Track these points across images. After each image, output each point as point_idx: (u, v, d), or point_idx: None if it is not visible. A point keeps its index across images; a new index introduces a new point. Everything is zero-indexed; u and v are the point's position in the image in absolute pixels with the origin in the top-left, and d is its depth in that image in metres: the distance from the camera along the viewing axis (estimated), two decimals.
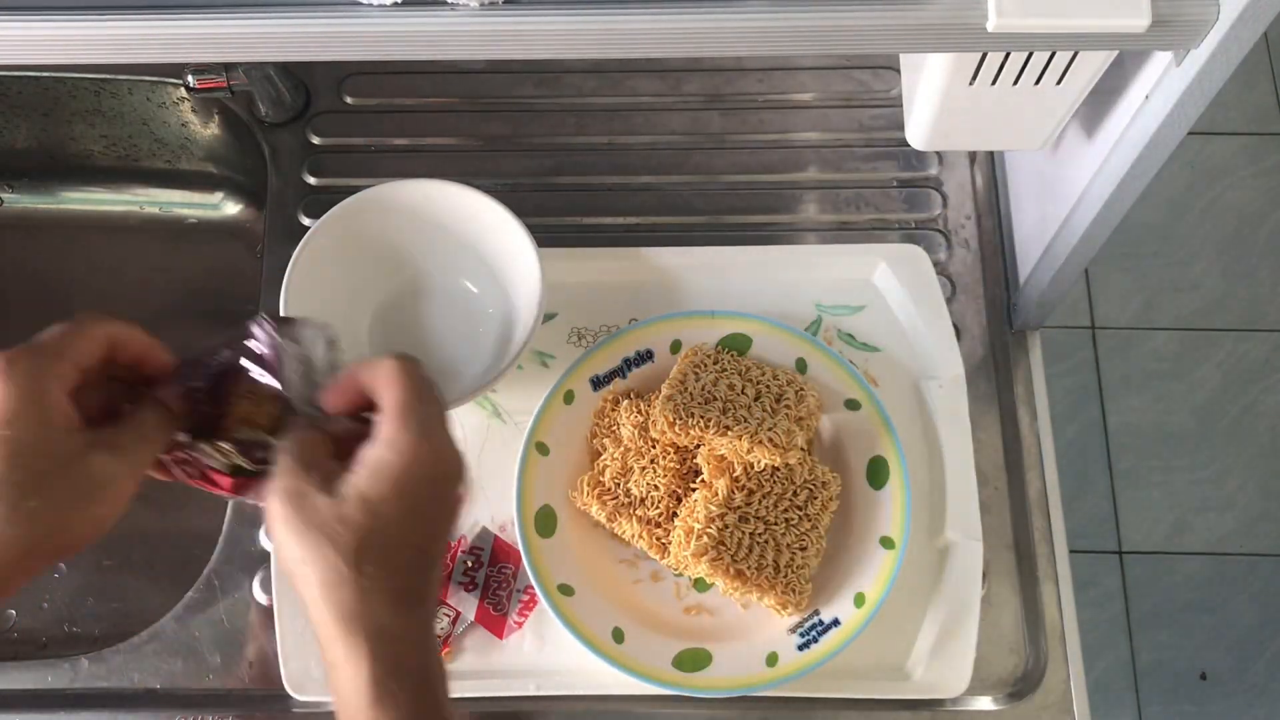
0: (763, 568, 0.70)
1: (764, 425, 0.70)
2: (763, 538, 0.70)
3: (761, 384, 0.74)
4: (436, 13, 0.49)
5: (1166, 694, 1.56)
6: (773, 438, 0.70)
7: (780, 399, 0.73)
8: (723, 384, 0.73)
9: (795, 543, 0.71)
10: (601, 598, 0.72)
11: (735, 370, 0.74)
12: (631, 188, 0.89)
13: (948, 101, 0.62)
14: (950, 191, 0.88)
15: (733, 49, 0.52)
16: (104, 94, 0.92)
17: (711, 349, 0.76)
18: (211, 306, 0.96)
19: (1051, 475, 0.79)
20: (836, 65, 0.92)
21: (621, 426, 0.74)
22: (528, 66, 0.92)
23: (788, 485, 0.72)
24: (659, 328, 0.78)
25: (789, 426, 0.71)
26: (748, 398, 0.73)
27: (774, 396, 0.73)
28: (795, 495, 0.72)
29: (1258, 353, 1.73)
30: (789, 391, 0.73)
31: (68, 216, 1.00)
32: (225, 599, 0.76)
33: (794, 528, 0.71)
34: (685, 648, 0.71)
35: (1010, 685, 0.74)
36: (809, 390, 0.74)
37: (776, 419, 0.71)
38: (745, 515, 0.71)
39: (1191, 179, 1.82)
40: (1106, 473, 1.66)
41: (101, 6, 0.50)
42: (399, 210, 0.77)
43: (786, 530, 0.71)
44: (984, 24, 0.49)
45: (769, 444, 0.70)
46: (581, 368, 0.77)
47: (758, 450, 0.70)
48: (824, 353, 0.77)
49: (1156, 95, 0.56)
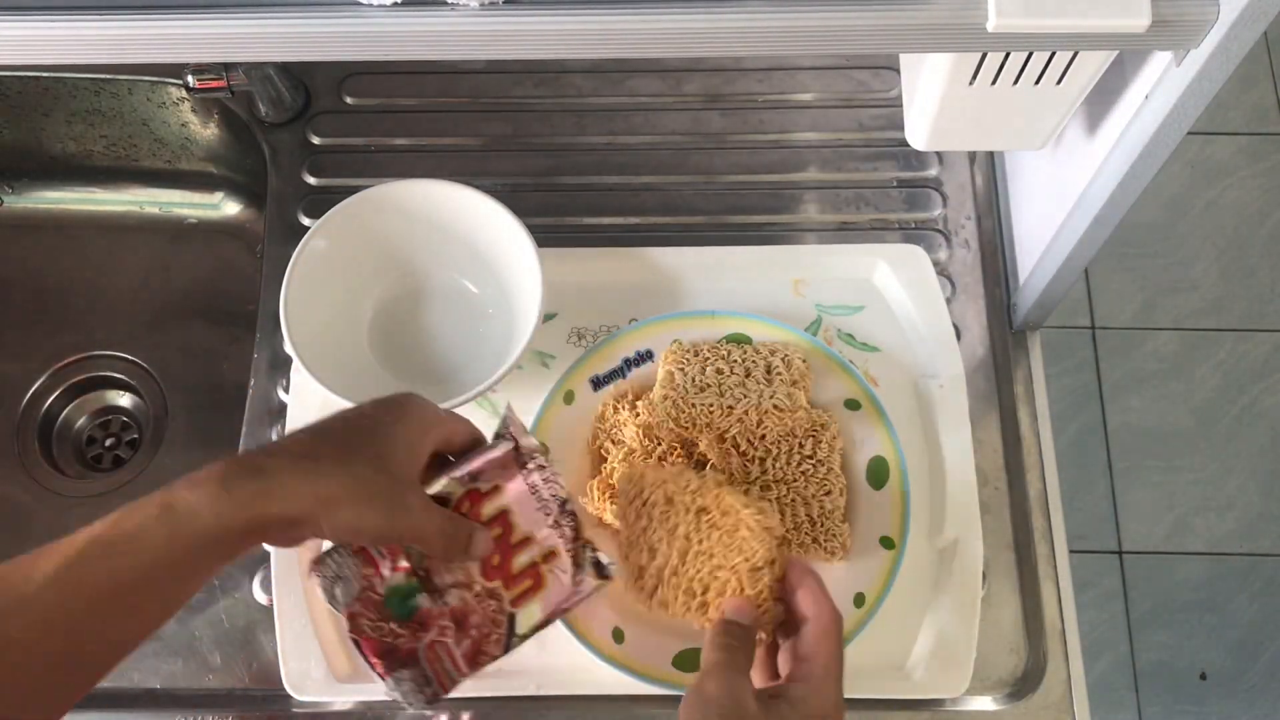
0: (799, 525, 0.71)
1: (765, 396, 0.72)
2: (789, 498, 0.72)
3: (747, 362, 0.74)
4: (436, 13, 0.49)
5: (1166, 694, 1.56)
6: (777, 404, 0.71)
7: (770, 370, 0.74)
8: (710, 370, 0.73)
9: (819, 491, 0.72)
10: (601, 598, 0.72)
11: (717, 356, 0.75)
12: (631, 188, 0.89)
13: (948, 101, 0.62)
14: (950, 191, 0.88)
15: (733, 49, 0.52)
16: (104, 94, 0.92)
17: (687, 343, 0.76)
18: (211, 306, 0.96)
19: (1051, 475, 0.79)
20: (836, 65, 0.92)
21: (624, 428, 0.74)
22: (528, 66, 0.92)
23: (792, 441, 0.73)
24: (659, 328, 0.78)
25: (788, 390, 0.72)
26: (739, 376, 0.73)
27: (763, 369, 0.74)
28: (802, 447, 0.73)
29: (1258, 353, 1.73)
30: (775, 361, 0.74)
31: (68, 216, 1.00)
32: (225, 599, 0.76)
33: (812, 478, 0.72)
34: (686, 647, 0.71)
35: (1010, 685, 0.74)
36: (793, 354, 0.75)
37: (774, 388, 0.72)
38: (765, 484, 0.72)
39: (1191, 179, 1.82)
40: (1106, 473, 1.66)
41: (101, 6, 0.50)
42: (399, 210, 0.77)
43: (807, 483, 0.72)
44: (984, 24, 0.49)
45: (776, 411, 0.71)
46: (581, 368, 0.77)
47: (767, 421, 0.71)
48: (824, 353, 0.77)
49: (1156, 95, 0.56)
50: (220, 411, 0.91)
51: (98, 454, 0.94)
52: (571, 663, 0.72)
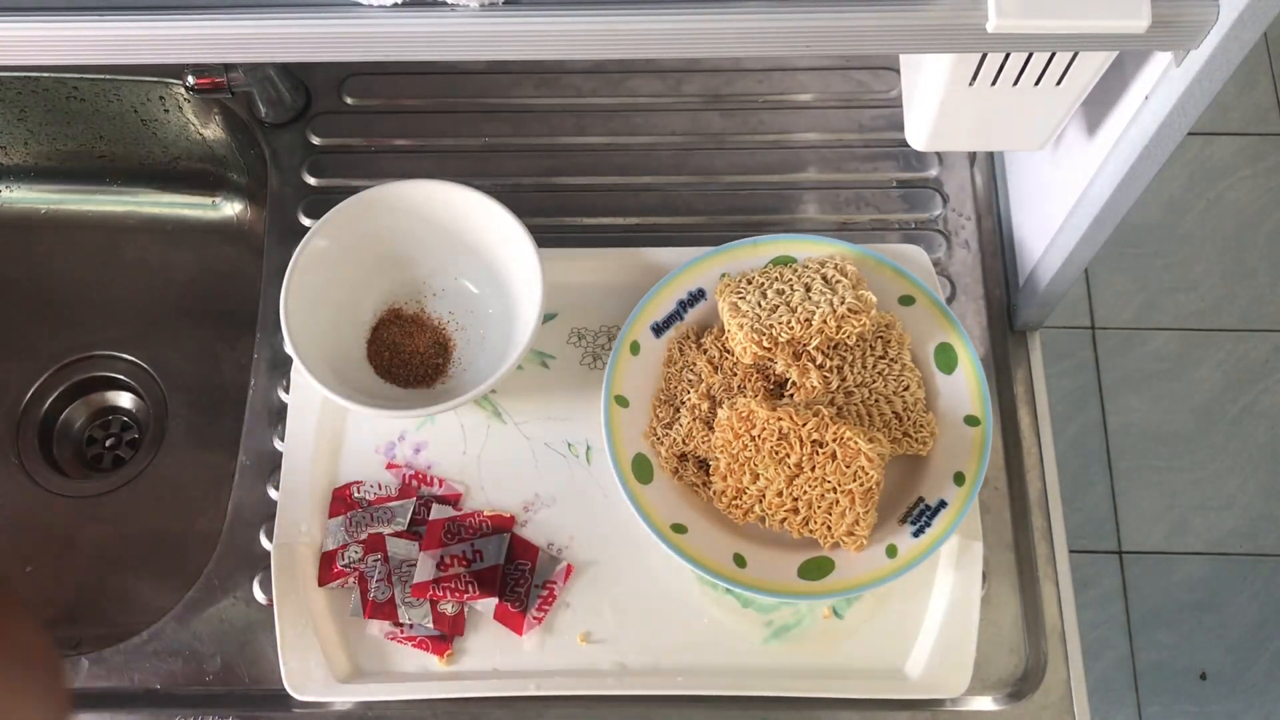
0: (887, 423, 0.74)
1: (835, 302, 0.73)
2: (872, 400, 0.75)
3: (803, 278, 0.76)
4: (436, 13, 0.49)
5: (1166, 694, 1.56)
6: (851, 307, 0.72)
7: (827, 280, 0.75)
8: (770, 293, 0.75)
9: (898, 387, 0.75)
10: (716, 529, 0.74)
11: (770, 279, 0.76)
12: (631, 188, 0.89)
13: (948, 102, 0.62)
14: (950, 191, 0.88)
15: (733, 49, 0.52)
16: (104, 94, 0.92)
17: (736, 275, 0.78)
18: (211, 306, 0.96)
19: (1051, 475, 0.79)
20: (836, 65, 0.92)
21: (695, 365, 0.77)
22: (528, 67, 0.92)
23: (862, 343, 0.76)
24: (703, 265, 0.80)
25: (856, 292, 0.73)
26: (801, 292, 0.75)
27: (820, 281, 0.75)
28: (873, 349, 0.76)
29: (1258, 353, 1.73)
30: (828, 271, 0.76)
31: (67, 216, 1.00)
32: (225, 599, 0.76)
33: (888, 376, 0.75)
34: (807, 558, 0.73)
35: (1010, 685, 0.74)
36: (842, 259, 0.77)
37: (840, 294, 0.74)
38: (848, 390, 0.75)
39: (1191, 179, 1.82)
40: (1106, 473, 1.66)
41: (101, 6, 0.50)
42: (399, 210, 0.78)
43: (885, 382, 0.75)
44: (984, 24, 0.49)
45: (852, 314, 0.72)
46: (639, 318, 0.78)
47: (846, 325, 0.72)
48: (870, 258, 0.79)
49: (1156, 95, 0.56)
50: (220, 411, 0.91)
51: (98, 454, 0.94)
52: (572, 663, 0.72)
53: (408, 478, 0.78)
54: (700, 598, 0.74)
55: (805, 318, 0.72)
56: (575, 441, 0.79)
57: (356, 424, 0.79)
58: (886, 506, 0.74)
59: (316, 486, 0.77)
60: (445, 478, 0.78)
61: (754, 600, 0.74)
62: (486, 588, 0.73)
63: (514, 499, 0.77)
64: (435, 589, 0.73)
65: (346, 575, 0.74)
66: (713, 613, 0.74)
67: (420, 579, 0.73)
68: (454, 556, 0.74)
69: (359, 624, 0.74)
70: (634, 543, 0.75)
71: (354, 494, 0.77)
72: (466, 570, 0.73)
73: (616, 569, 0.75)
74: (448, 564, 0.73)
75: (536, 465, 0.78)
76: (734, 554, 0.73)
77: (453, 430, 0.79)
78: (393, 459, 0.78)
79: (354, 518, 0.76)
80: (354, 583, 0.74)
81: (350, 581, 0.74)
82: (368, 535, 0.75)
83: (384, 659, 0.73)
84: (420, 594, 0.73)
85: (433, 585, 0.73)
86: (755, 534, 0.74)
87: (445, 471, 0.78)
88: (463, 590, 0.73)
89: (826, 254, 0.78)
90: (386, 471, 0.78)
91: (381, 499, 0.77)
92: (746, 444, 0.71)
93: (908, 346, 0.77)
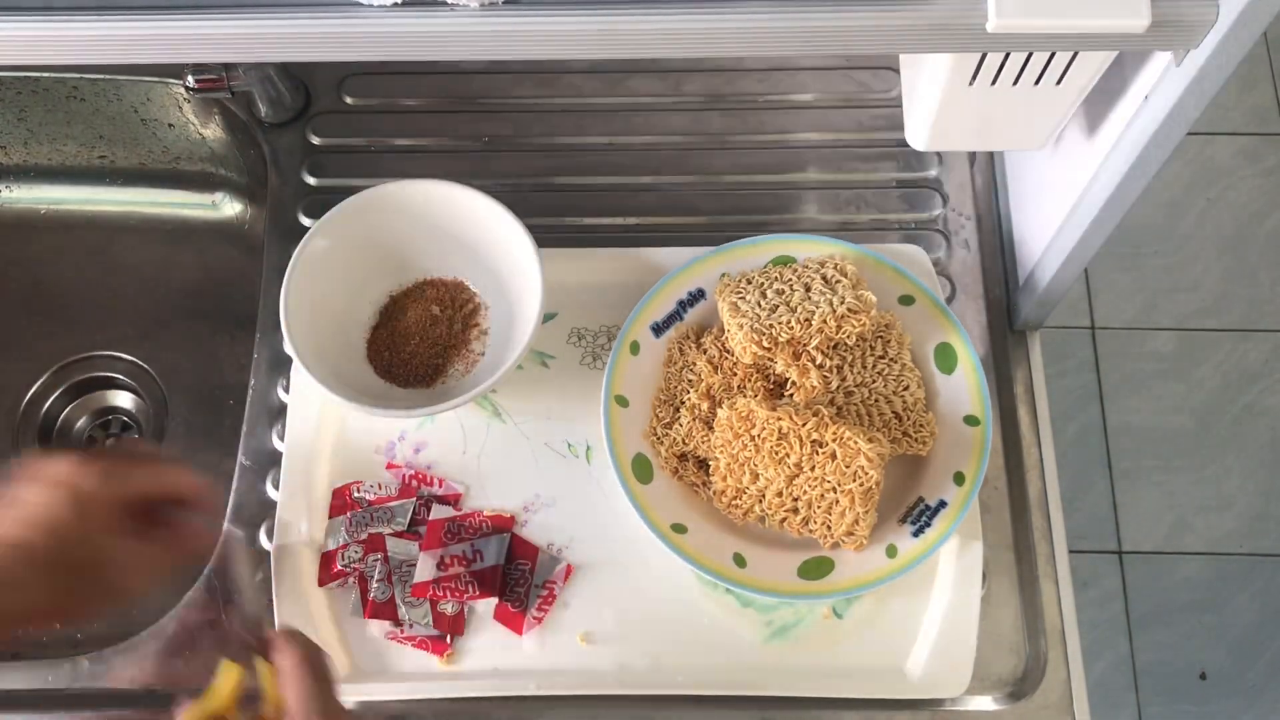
0: (887, 423, 0.74)
1: (835, 302, 0.73)
2: (871, 400, 0.75)
3: (802, 278, 0.76)
4: (436, 13, 0.49)
5: (1166, 694, 1.56)
6: (851, 307, 0.72)
7: (826, 280, 0.75)
8: (770, 292, 0.75)
9: (898, 387, 0.75)
10: (716, 529, 0.74)
11: (770, 279, 0.76)
12: (631, 188, 0.89)
13: (947, 102, 0.62)
14: (950, 191, 0.88)
15: (733, 49, 0.52)
16: (104, 94, 0.92)
17: (736, 275, 0.78)
18: (211, 306, 0.96)
19: (1051, 475, 0.79)
20: (836, 65, 0.92)
21: (695, 365, 0.76)
22: (528, 66, 0.92)
23: (864, 345, 0.76)
24: (703, 266, 0.80)
25: (856, 293, 0.73)
26: (800, 292, 0.75)
27: (820, 281, 0.75)
28: (873, 349, 0.76)
29: (1258, 353, 1.73)
30: (827, 271, 0.76)
31: (67, 216, 1.00)
32: (225, 599, 0.76)
33: (888, 376, 0.75)
34: (807, 558, 0.73)
35: (1010, 685, 0.74)
36: (841, 259, 0.76)
37: (840, 294, 0.73)
38: (848, 390, 0.74)
39: (1191, 179, 1.82)
40: (1106, 473, 1.66)
41: (101, 6, 0.50)
42: (399, 210, 0.78)
43: (885, 382, 0.75)
44: (984, 24, 0.50)
45: (852, 314, 0.72)
46: (639, 318, 0.78)
47: (846, 325, 0.72)
48: (869, 258, 0.79)
49: (1156, 95, 0.56)
50: (220, 411, 0.91)
51: None
52: (572, 663, 0.72)
53: (408, 478, 0.78)
54: (700, 597, 0.74)
55: (805, 318, 0.72)
56: (575, 441, 0.79)
57: (356, 424, 0.79)
58: (886, 506, 0.74)
59: (316, 486, 0.77)
60: (445, 478, 0.78)
61: (754, 600, 0.74)
62: (486, 588, 0.73)
63: (514, 499, 0.77)
64: (435, 589, 0.73)
65: (346, 575, 0.74)
66: (713, 612, 0.74)
67: (420, 579, 0.73)
68: (454, 556, 0.74)
69: (359, 624, 0.74)
70: (634, 543, 0.75)
71: (354, 494, 0.77)
72: (466, 570, 0.73)
73: (616, 569, 0.75)
74: (448, 564, 0.73)
75: (536, 465, 0.78)
76: (734, 554, 0.73)
77: (453, 430, 0.79)
78: (392, 459, 0.78)
79: (354, 518, 0.76)
80: (354, 583, 0.74)
81: (350, 581, 0.75)
82: (368, 535, 0.75)
83: (384, 659, 0.73)
84: (420, 594, 0.73)
85: (433, 585, 0.73)
86: (755, 534, 0.74)
87: (445, 471, 0.78)
88: (463, 590, 0.73)
89: (826, 254, 0.78)
90: (386, 471, 0.78)
91: (381, 499, 0.77)
92: (746, 444, 0.71)
93: (907, 346, 0.77)
